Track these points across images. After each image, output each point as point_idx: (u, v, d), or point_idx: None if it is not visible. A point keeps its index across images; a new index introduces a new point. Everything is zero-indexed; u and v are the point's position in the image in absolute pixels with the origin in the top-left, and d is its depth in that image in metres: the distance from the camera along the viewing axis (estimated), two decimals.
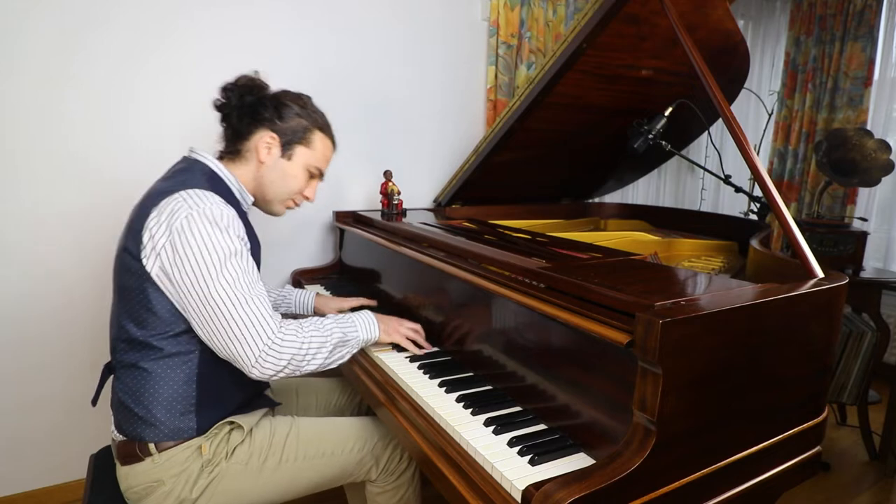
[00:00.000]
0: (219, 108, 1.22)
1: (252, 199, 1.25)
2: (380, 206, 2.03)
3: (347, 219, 2.07)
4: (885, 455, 2.15)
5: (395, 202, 1.96)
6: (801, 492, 1.97)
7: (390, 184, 1.97)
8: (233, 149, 1.22)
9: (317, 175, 1.31)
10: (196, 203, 1.03)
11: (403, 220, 1.88)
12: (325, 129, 1.29)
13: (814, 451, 1.04)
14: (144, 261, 1.03)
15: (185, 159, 1.19)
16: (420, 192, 2.39)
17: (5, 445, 1.76)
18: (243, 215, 1.16)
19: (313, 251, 2.23)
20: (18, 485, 1.81)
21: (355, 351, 1.23)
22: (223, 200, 1.08)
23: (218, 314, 1.01)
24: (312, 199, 1.32)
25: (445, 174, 2.38)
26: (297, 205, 1.32)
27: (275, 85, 1.27)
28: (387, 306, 1.63)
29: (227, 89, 1.21)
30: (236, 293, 1.02)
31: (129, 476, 1.10)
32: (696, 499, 0.85)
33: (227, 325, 1.01)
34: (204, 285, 1.00)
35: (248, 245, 1.11)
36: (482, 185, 2.12)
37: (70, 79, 1.68)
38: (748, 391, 0.89)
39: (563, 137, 1.99)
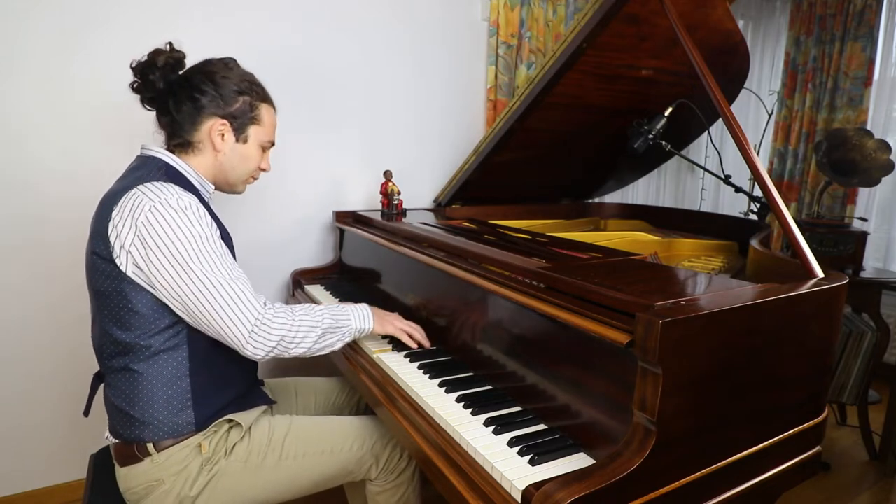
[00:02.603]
0: (138, 91, 1.15)
1: (213, 186, 1.22)
2: (380, 206, 2.03)
3: (347, 219, 2.07)
4: (885, 455, 2.15)
5: (395, 202, 1.96)
6: (801, 492, 1.97)
7: (390, 184, 1.97)
8: (181, 140, 1.16)
9: (269, 147, 1.27)
10: (156, 195, 1.02)
11: (403, 220, 1.88)
12: (266, 97, 1.23)
13: (814, 451, 1.04)
14: (117, 261, 1.02)
15: (139, 157, 1.16)
16: (420, 192, 2.39)
17: (5, 445, 1.76)
18: (206, 204, 1.14)
19: (313, 251, 2.23)
20: (18, 485, 1.81)
21: (348, 339, 1.22)
22: (183, 189, 1.07)
23: (201, 299, 1.01)
24: (269, 168, 1.29)
25: (445, 174, 2.38)
26: (255, 179, 1.29)
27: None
28: (387, 306, 1.63)
29: (144, 71, 1.12)
30: (216, 275, 1.02)
31: (128, 477, 1.09)
32: (696, 499, 0.85)
33: (213, 307, 1.02)
34: (182, 273, 1.00)
35: (217, 229, 1.09)
36: (482, 185, 2.12)
37: (70, 79, 1.68)
38: (748, 391, 0.89)
39: (563, 137, 1.99)
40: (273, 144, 1.28)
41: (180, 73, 1.16)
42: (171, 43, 1.16)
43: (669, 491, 0.80)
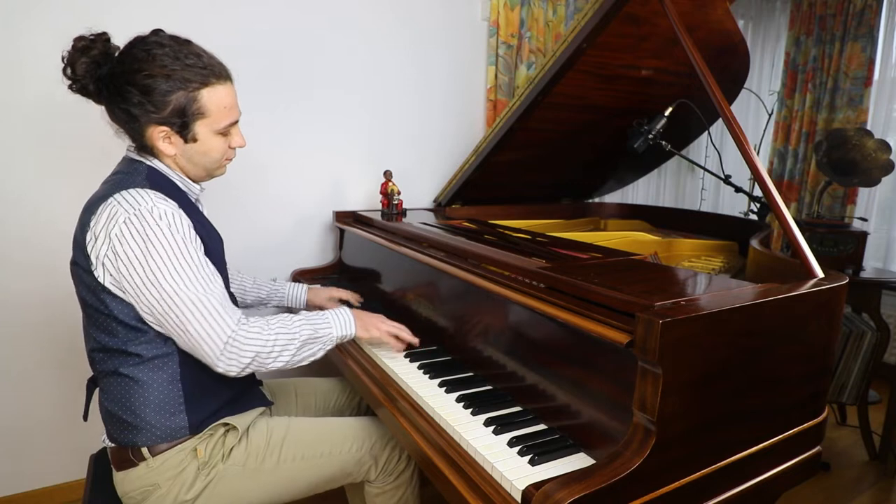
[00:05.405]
0: (78, 92, 1.04)
1: (199, 186, 1.17)
2: (380, 206, 2.03)
3: (347, 219, 2.07)
4: (885, 455, 2.15)
5: (395, 202, 1.96)
6: (801, 492, 1.97)
7: (390, 184, 1.97)
8: (138, 145, 1.08)
9: (230, 129, 1.12)
10: (132, 205, 0.98)
11: (403, 220, 1.88)
12: (208, 77, 1.05)
13: (814, 451, 1.04)
14: (95, 273, 1.00)
15: (124, 159, 1.12)
16: (420, 192, 2.39)
17: (5, 445, 1.76)
18: (192, 206, 1.11)
19: (313, 251, 2.23)
20: (18, 485, 1.81)
21: (329, 348, 1.18)
22: (163, 196, 1.02)
23: (172, 315, 0.99)
24: (244, 143, 1.16)
25: (445, 174, 2.38)
26: (230, 159, 1.18)
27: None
28: (387, 306, 1.63)
29: (73, 75, 1.01)
30: (186, 290, 0.99)
31: (125, 481, 1.09)
32: (696, 499, 0.85)
33: (183, 325, 0.99)
34: (152, 286, 0.98)
35: (197, 239, 1.05)
36: (482, 185, 2.12)
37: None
38: (748, 391, 0.89)
39: (563, 137, 1.99)
40: (236, 122, 1.14)
41: (108, 65, 1.02)
42: (90, 28, 1.04)
43: (669, 491, 0.80)
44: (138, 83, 1.00)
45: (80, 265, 1.02)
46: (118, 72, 1.01)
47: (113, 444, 1.10)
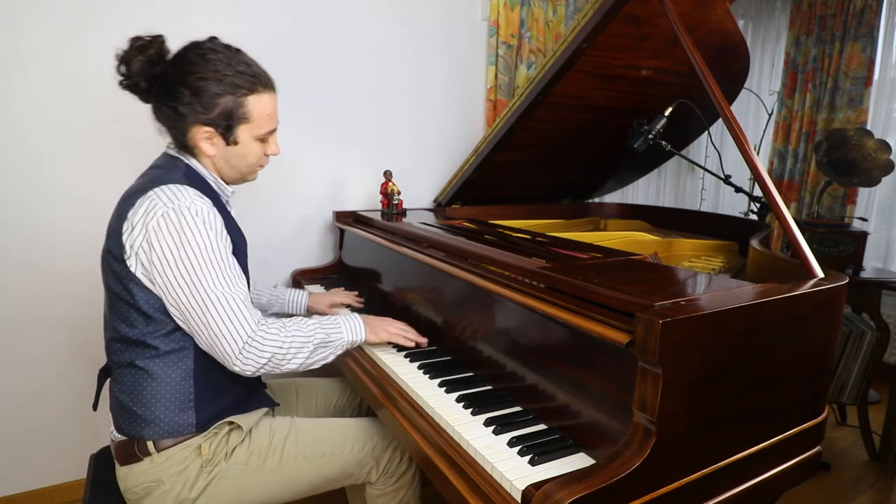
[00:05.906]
0: (127, 89, 1.09)
1: (230, 189, 1.21)
2: (380, 206, 2.03)
3: (347, 219, 2.07)
4: (885, 455, 2.15)
5: (395, 202, 1.96)
6: (801, 492, 1.97)
7: (390, 184, 1.97)
8: (179, 143, 1.13)
9: (270, 134, 1.18)
10: (170, 200, 1.02)
11: (403, 220, 1.88)
12: (255, 85, 1.11)
13: (814, 451, 1.04)
14: (128, 262, 1.03)
15: (164, 155, 1.16)
16: (420, 192, 2.39)
17: (5, 445, 1.76)
18: (223, 207, 1.14)
19: (313, 251, 2.23)
20: (18, 485, 1.81)
21: (340, 352, 1.22)
22: (199, 193, 1.06)
23: (197, 310, 1.02)
24: (278, 152, 1.22)
25: (445, 174, 2.38)
26: (263, 165, 1.23)
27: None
28: (387, 306, 1.63)
29: (127, 72, 1.06)
30: (213, 288, 1.02)
31: (128, 476, 1.10)
32: (696, 499, 0.85)
33: (207, 322, 1.02)
34: (182, 281, 1.01)
35: (228, 239, 1.09)
36: (482, 185, 2.12)
37: (69, 77, 1.68)
38: (748, 391, 0.89)
39: (563, 137, 1.99)
40: (275, 130, 1.19)
41: (162, 65, 1.08)
42: (141, 35, 1.07)
43: (669, 491, 0.80)
44: (190, 84, 1.05)
45: (113, 253, 1.04)
46: (171, 73, 1.07)
47: (120, 437, 1.11)
